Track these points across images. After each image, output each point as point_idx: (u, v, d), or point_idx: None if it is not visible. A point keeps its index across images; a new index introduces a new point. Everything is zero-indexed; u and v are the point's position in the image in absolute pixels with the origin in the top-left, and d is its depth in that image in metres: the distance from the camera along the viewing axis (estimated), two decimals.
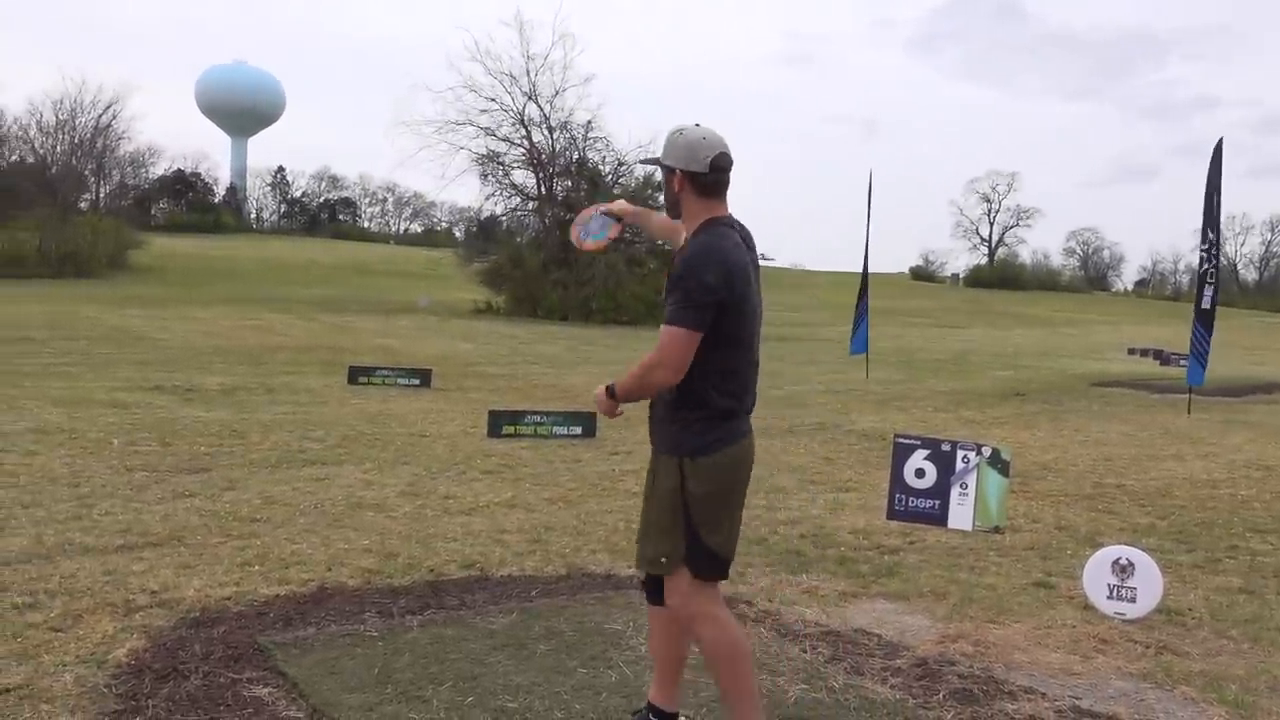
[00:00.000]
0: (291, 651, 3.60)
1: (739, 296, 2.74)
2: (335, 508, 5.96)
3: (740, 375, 2.85)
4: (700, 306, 2.68)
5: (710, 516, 2.81)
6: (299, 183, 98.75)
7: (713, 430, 2.80)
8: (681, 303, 2.69)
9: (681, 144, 2.84)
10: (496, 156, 39.36)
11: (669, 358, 2.72)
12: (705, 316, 2.69)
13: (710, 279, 2.69)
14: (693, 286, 2.69)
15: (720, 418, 2.81)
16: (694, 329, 2.69)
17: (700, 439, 2.80)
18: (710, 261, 2.72)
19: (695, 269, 2.71)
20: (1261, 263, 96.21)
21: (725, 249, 2.76)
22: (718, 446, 2.80)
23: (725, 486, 2.83)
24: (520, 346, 22.72)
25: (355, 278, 51.60)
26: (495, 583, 4.61)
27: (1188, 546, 6.00)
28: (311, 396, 11.44)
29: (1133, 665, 3.92)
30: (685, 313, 2.69)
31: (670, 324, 2.71)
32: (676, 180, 2.85)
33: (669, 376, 2.74)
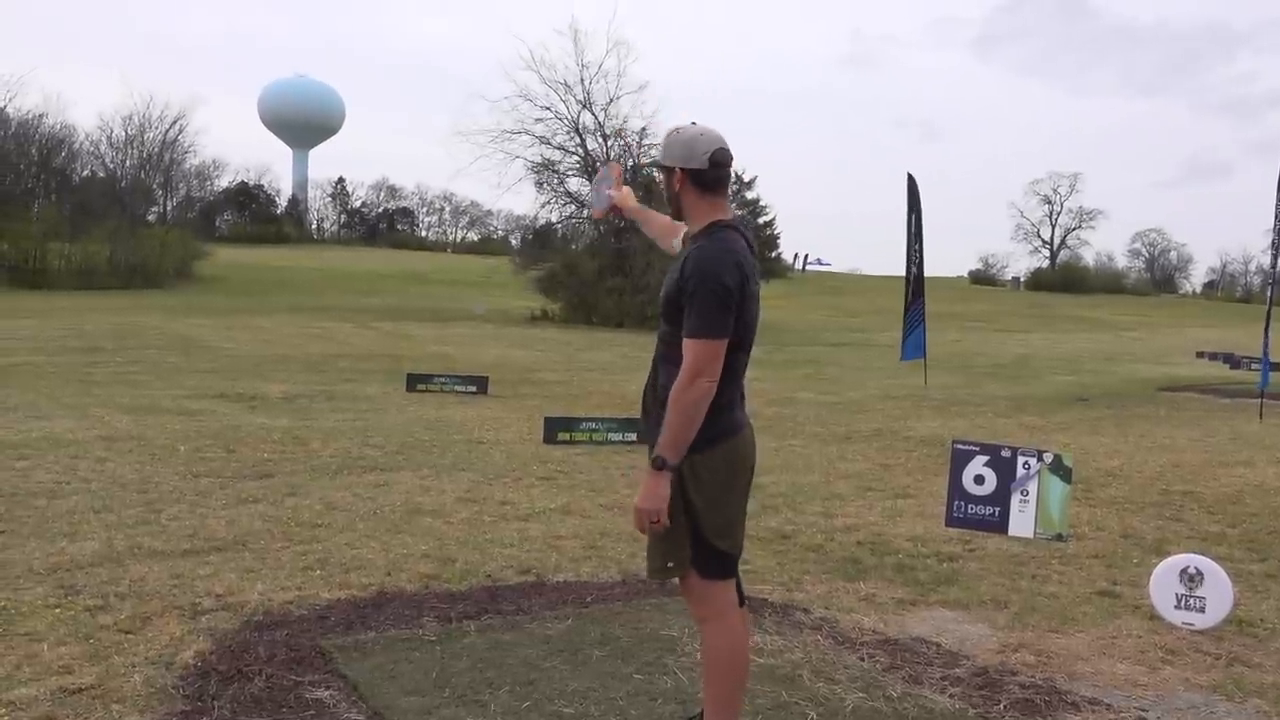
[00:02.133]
0: (352, 654, 3.66)
1: (746, 297, 2.71)
2: (394, 513, 6.04)
3: (738, 375, 2.82)
4: (725, 310, 2.65)
5: (715, 516, 2.76)
6: (358, 193, 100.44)
7: (709, 427, 2.72)
8: (707, 311, 2.64)
9: (679, 141, 2.80)
10: (551, 165, 39.61)
11: (704, 368, 2.64)
12: (729, 320, 2.66)
13: (728, 281, 2.66)
14: (716, 292, 2.64)
15: (718, 414, 2.74)
16: (723, 336, 2.66)
17: (702, 436, 2.72)
18: (726, 265, 2.68)
19: (714, 273, 2.66)
20: None
21: (737, 251, 2.73)
22: (716, 442, 2.74)
23: (727, 481, 2.78)
24: (575, 353, 22.83)
25: (413, 286, 52.28)
26: (551, 588, 4.64)
27: (1259, 555, 5.83)
28: (371, 403, 11.62)
29: (1201, 677, 3.82)
30: (712, 321, 2.64)
31: (698, 335, 2.64)
32: (676, 179, 2.81)
33: (709, 388, 2.66)
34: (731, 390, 2.78)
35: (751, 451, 2.86)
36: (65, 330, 21.58)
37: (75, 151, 54.36)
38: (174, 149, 57.60)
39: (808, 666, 3.72)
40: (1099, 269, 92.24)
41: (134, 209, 51.86)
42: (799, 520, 6.29)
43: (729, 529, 2.80)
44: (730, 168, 2.83)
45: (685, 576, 2.80)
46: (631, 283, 36.29)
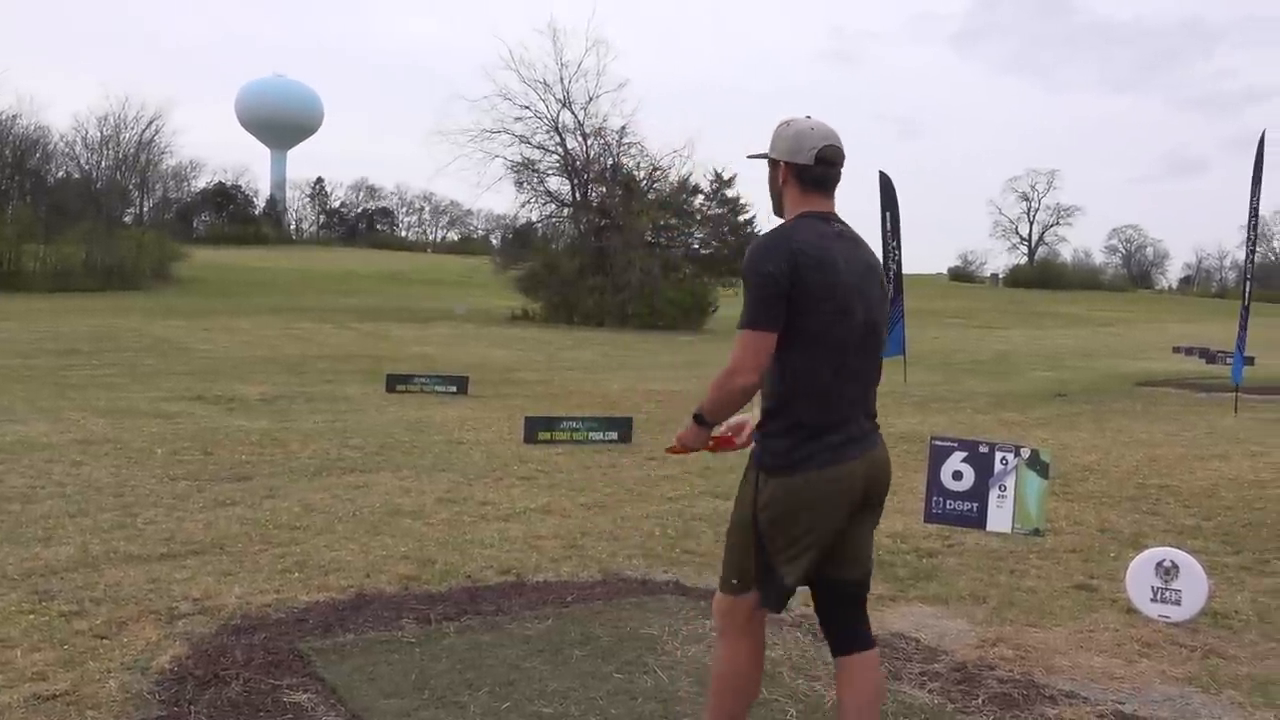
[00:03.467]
0: (330, 657, 3.64)
1: (814, 286, 2.47)
2: (374, 515, 6.01)
3: (827, 384, 2.52)
4: (765, 300, 2.46)
5: (784, 545, 2.52)
6: (337, 193, 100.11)
7: (798, 447, 2.50)
8: (747, 301, 2.49)
9: (788, 135, 2.63)
10: (531, 164, 39.61)
11: (742, 361, 2.49)
12: (774, 311, 2.46)
13: (771, 268, 2.46)
14: (753, 281, 2.48)
15: (807, 433, 2.50)
16: (764, 328, 2.47)
17: (779, 454, 2.53)
18: (772, 250, 2.49)
19: (754, 260, 2.49)
20: None
21: (794, 236, 2.52)
22: (800, 467, 2.50)
23: (799, 514, 2.51)
24: (556, 353, 22.80)
25: (393, 286, 52.09)
26: (531, 588, 4.63)
27: (1234, 548, 5.89)
28: (350, 405, 11.56)
29: (1178, 669, 3.85)
30: (751, 311, 2.48)
31: (740, 327, 2.50)
32: (780, 173, 2.65)
33: (747, 379, 2.49)
34: (816, 406, 2.52)
35: (847, 486, 2.53)
36: (40, 333, 21.38)
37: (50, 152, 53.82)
38: (150, 150, 57.11)
39: (788, 663, 3.72)
40: (1076, 265, 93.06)
41: (110, 210, 51.38)
42: None
43: (793, 558, 2.54)
44: (840, 166, 2.65)
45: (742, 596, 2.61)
46: (612, 282, 36.31)
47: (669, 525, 5.99)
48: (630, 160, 40.34)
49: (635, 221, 37.81)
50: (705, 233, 43.86)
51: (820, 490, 2.50)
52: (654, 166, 40.18)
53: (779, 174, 2.66)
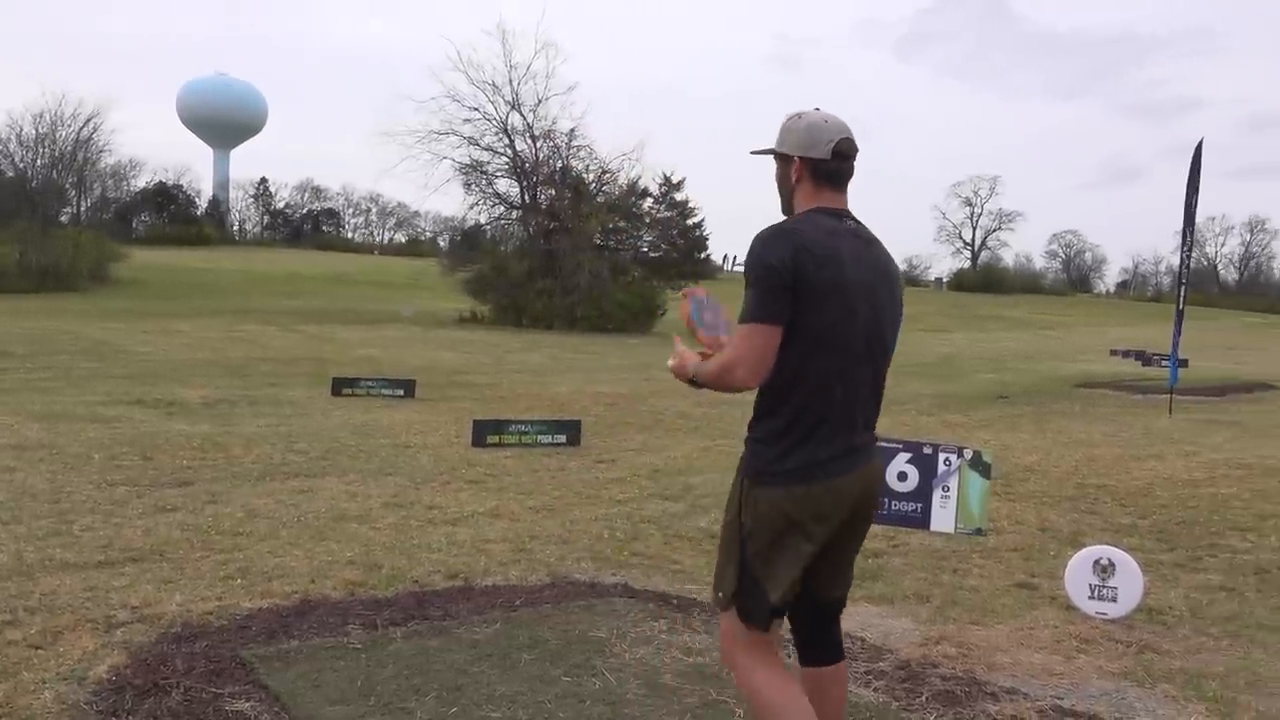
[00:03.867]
0: (274, 665, 3.58)
1: (817, 282, 2.31)
2: (319, 520, 5.94)
3: (825, 389, 2.35)
4: (768, 292, 2.30)
5: (768, 559, 2.38)
6: (282, 194, 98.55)
7: (788, 455, 2.35)
8: (748, 295, 2.34)
9: (801, 128, 2.48)
10: (480, 166, 39.37)
11: (742, 356, 2.31)
12: (779, 305, 2.30)
13: (773, 260, 2.31)
14: (755, 273, 2.33)
15: (796, 440, 2.35)
16: (767, 321, 2.30)
17: (767, 463, 2.37)
18: (775, 243, 2.34)
19: (756, 252, 2.35)
20: (1241, 263, 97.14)
21: (800, 229, 2.37)
22: (789, 479, 2.34)
23: (785, 531, 2.36)
24: (505, 355, 22.69)
25: (339, 288, 51.44)
26: (479, 593, 4.60)
27: (1168, 545, 6.04)
28: (295, 408, 11.40)
29: (1114, 664, 3.94)
30: (753, 304, 2.32)
31: (740, 320, 2.34)
32: (795, 169, 2.48)
33: (746, 378, 2.33)
34: (815, 407, 2.36)
35: (834, 502, 2.37)
36: None
37: None
38: (88, 148, 55.67)
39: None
40: (1018, 269, 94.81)
41: (46, 209, 50.05)
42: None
43: (776, 574, 2.38)
44: (853, 160, 2.51)
45: (727, 611, 2.48)
46: (561, 284, 36.23)
47: (617, 528, 5.99)
48: (579, 163, 40.31)
49: (584, 224, 37.77)
50: (654, 236, 44.01)
51: (809, 508, 2.35)
52: (603, 169, 40.18)
53: (791, 170, 2.50)
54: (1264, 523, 6.81)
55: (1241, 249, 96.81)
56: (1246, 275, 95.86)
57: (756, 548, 2.38)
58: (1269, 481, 8.60)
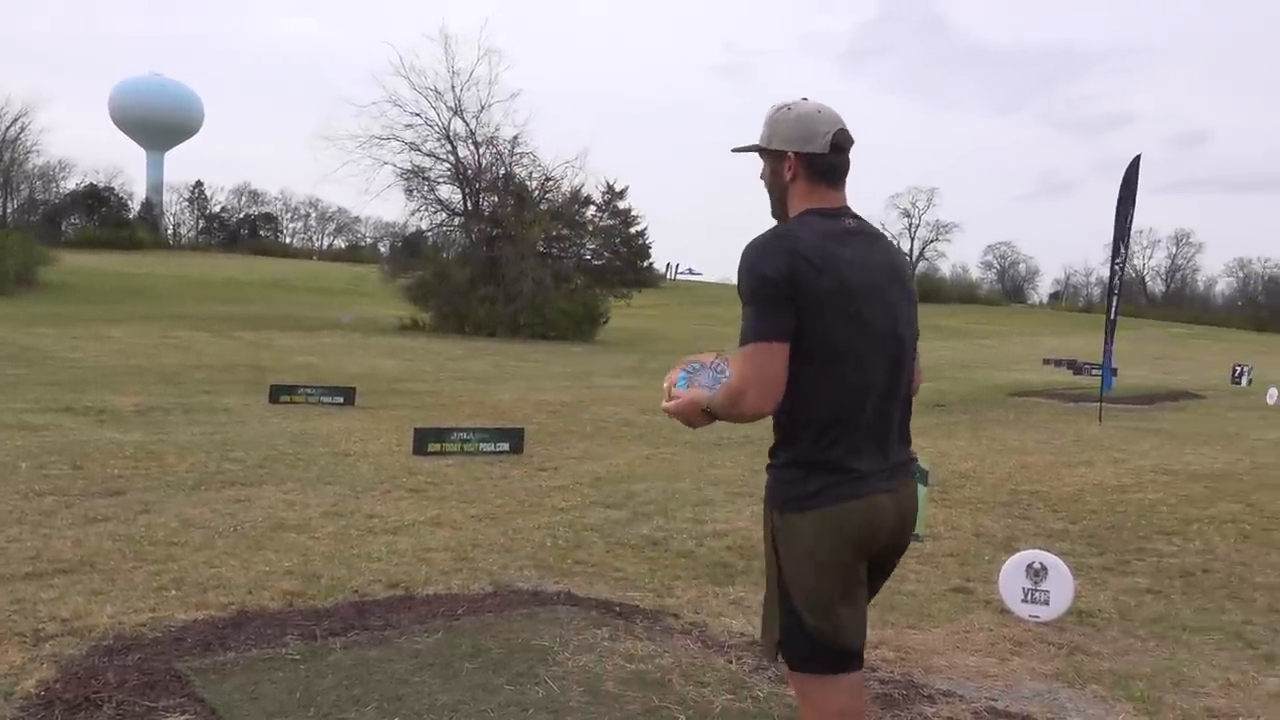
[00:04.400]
0: (210, 677, 3.52)
1: (820, 291, 2.11)
2: (256, 529, 5.84)
3: (850, 403, 2.16)
4: (767, 305, 2.11)
5: (806, 588, 2.17)
6: (218, 198, 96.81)
7: (809, 479, 2.16)
8: (747, 312, 2.14)
9: (792, 120, 2.27)
10: (422, 171, 39.06)
11: (748, 378, 2.11)
12: (781, 319, 2.10)
13: (769, 270, 2.11)
14: (750, 286, 2.13)
15: (822, 462, 2.16)
16: (770, 338, 2.10)
17: (790, 489, 2.18)
18: (768, 252, 2.14)
19: (749, 264, 2.14)
20: (1168, 275, 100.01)
21: (795, 235, 2.17)
22: (812, 503, 2.15)
23: (818, 555, 2.15)
24: (446, 363, 22.52)
25: (277, 294, 50.63)
26: (420, 602, 4.57)
27: (1098, 549, 6.21)
28: (231, 416, 11.20)
29: (1046, 666, 4.04)
30: (754, 321, 2.12)
31: (742, 341, 2.13)
32: (789, 166, 2.27)
33: (756, 402, 2.11)
34: (832, 429, 2.16)
35: (870, 525, 2.17)
36: None
37: None
38: (15, 148, 54.33)
39: (677, 671, 3.77)
40: (955, 280, 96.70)
41: None
42: (670, 527, 6.37)
43: (824, 608, 2.17)
44: (849, 153, 2.32)
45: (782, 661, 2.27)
46: (503, 291, 36.08)
47: (560, 536, 5.99)
48: (522, 170, 40.20)
49: (527, 231, 37.67)
50: (597, 244, 44.06)
51: (846, 532, 2.15)
52: (546, 177, 40.13)
53: (784, 167, 2.28)
54: (1188, 527, 7.02)
55: (1168, 262, 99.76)
56: (1172, 287, 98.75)
57: (794, 578, 2.18)
58: (1193, 487, 8.87)
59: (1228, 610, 4.98)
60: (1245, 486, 9.06)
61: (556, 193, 40.47)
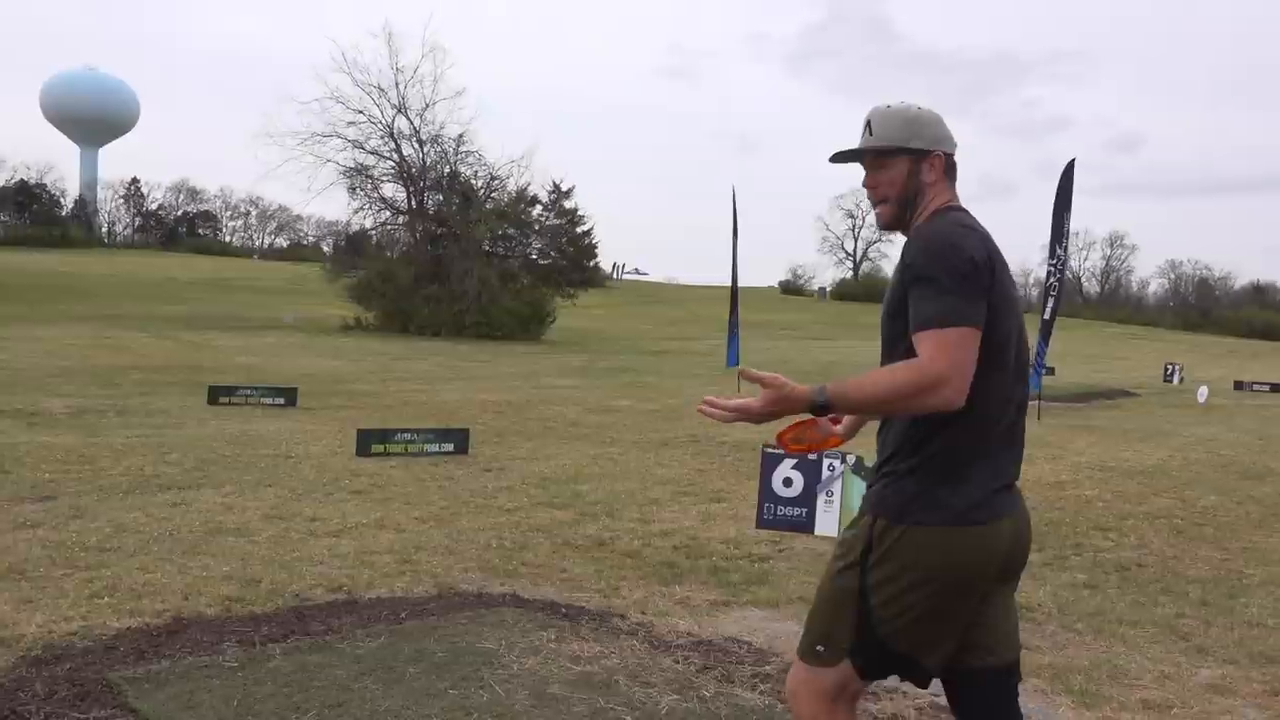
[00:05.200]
0: (143, 686, 3.43)
1: (1002, 289, 1.99)
2: (193, 534, 5.71)
3: (999, 413, 2.01)
4: (974, 291, 1.92)
5: (901, 619, 1.99)
6: (155, 195, 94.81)
7: (935, 492, 1.97)
8: (945, 290, 1.90)
9: (930, 119, 2.12)
10: (365, 170, 38.61)
11: (956, 366, 1.87)
12: (982, 308, 1.93)
13: (977, 256, 1.94)
14: (959, 268, 1.91)
15: (947, 474, 1.98)
16: (973, 323, 1.91)
17: (914, 500, 1.99)
18: (969, 238, 1.98)
19: (951, 246, 1.95)
20: (1103, 276, 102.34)
21: (981, 230, 2.05)
22: (934, 518, 1.97)
23: (935, 583, 1.97)
24: (391, 363, 22.26)
25: (216, 294, 49.68)
26: (363, 605, 4.50)
27: (1037, 546, 6.30)
28: (168, 418, 10.95)
29: None
30: (957, 303, 1.89)
31: (936, 324, 1.89)
32: (932, 167, 2.11)
33: (955, 396, 1.88)
34: (980, 443, 2.00)
35: (998, 556, 2.01)
36: None
37: None
38: None
39: (624, 672, 3.75)
40: None
41: None
42: (617, 527, 6.36)
43: (919, 639, 2.01)
44: None
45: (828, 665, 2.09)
46: (449, 291, 35.80)
47: (506, 537, 5.94)
48: (468, 169, 39.93)
49: (473, 230, 37.42)
50: (543, 243, 43.85)
51: (976, 550, 1.98)
52: (492, 175, 39.89)
53: (926, 167, 2.11)
54: (1124, 522, 7.18)
55: (1103, 263, 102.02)
56: (1107, 288, 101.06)
57: (890, 607, 2.00)
58: (1128, 483, 9.07)
59: (1161, 604, 5.10)
60: (1177, 482, 9.29)
61: (502, 192, 40.24)
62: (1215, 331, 76.82)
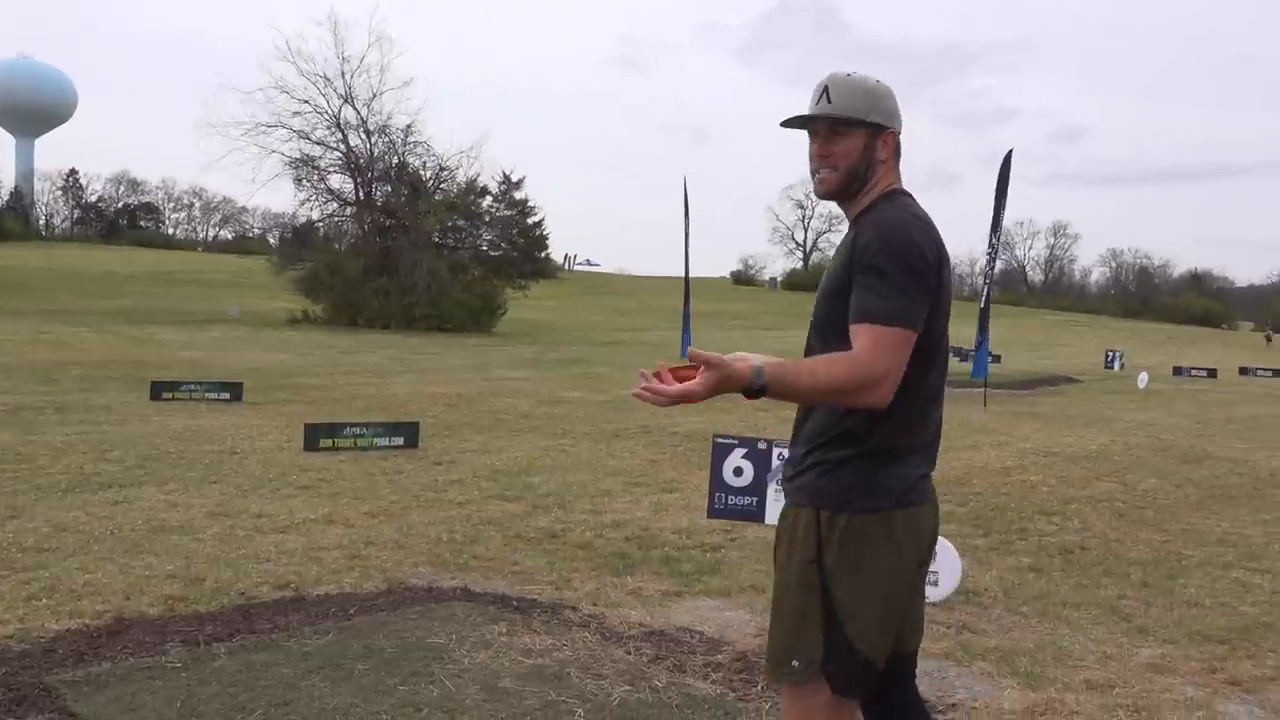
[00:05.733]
0: (83, 689, 3.35)
1: (944, 287, 2.00)
2: (135, 532, 5.59)
3: (929, 406, 2.05)
4: (921, 293, 1.93)
5: (861, 605, 1.98)
6: (94, 186, 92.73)
7: (871, 478, 1.99)
8: (896, 288, 1.89)
9: (887, 94, 2.05)
10: (311, 160, 38.08)
11: (893, 368, 1.89)
12: (924, 310, 1.94)
13: (929, 255, 1.94)
14: (903, 264, 1.91)
15: (883, 460, 1.99)
16: (912, 326, 1.91)
17: (851, 489, 1.99)
18: (923, 234, 1.96)
19: (906, 242, 1.93)
20: (1047, 265, 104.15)
21: (931, 223, 2.02)
22: (877, 504, 1.98)
23: (884, 565, 1.98)
24: (339, 356, 22.00)
25: (159, 287, 48.71)
26: (311, 603, 4.44)
27: (984, 531, 6.41)
28: (109, 414, 10.71)
29: (936, 645, 4.14)
30: (901, 302, 1.89)
31: (879, 320, 1.88)
32: (885, 145, 2.06)
33: (887, 396, 1.90)
34: (915, 431, 2.03)
35: (931, 532, 2.07)
36: None
37: None
38: None
39: (575, 664, 3.75)
40: None
41: None
42: (569, 519, 6.34)
43: (880, 629, 2.00)
44: None
45: (808, 684, 2.01)
46: (398, 283, 35.47)
47: (457, 531, 5.90)
48: (416, 159, 39.57)
49: (422, 222, 37.08)
50: (494, 234, 43.59)
51: (911, 535, 2.01)
52: (441, 166, 39.56)
53: (880, 143, 2.06)
54: (1067, 506, 7.32)
55: (1047, 252, 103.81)
56: (1051, 277, 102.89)
57: (852, 596, 1.98)
58: (1072, 468, 9.25)
59: (1104, 585, 5.20)
60: (1119, 466, 9.49)
61: (452, 183, 39.94)
62: (1155, 318, 78.68)
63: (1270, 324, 65.36)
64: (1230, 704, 3.62)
